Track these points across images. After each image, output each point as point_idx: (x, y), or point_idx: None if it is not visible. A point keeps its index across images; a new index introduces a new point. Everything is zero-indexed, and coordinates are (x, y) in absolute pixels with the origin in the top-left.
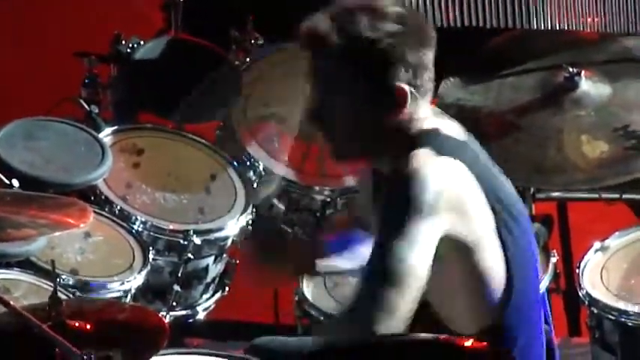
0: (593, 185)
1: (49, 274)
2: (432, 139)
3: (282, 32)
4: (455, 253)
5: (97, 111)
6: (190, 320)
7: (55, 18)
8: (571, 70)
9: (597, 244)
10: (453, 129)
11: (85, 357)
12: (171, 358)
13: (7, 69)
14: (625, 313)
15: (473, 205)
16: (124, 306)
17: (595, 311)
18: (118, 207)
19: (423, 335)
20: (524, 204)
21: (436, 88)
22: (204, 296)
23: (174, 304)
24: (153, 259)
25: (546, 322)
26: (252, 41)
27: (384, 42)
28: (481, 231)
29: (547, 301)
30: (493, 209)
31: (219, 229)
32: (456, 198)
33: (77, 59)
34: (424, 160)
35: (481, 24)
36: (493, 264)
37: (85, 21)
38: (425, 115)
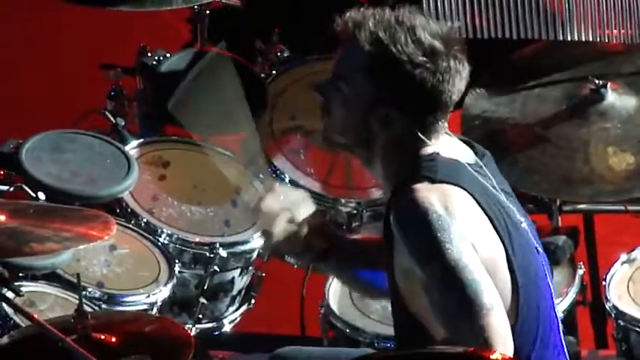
0: (620, 197)
1: (74, 286)
2: (426, 166)
3: (307, 45)
4: None
5: (123, 123)
6: (216, 333)
7: (80, 30)
8: (597, 82)
9: (624, 256)
10: (455, 150)
11: None
12: None
13: (33, 81)
14: None
15: (479, 226)
16: (149, 319)
17: (622, 324)
18: (144, 220)
19: (452, 348)
20: (551, 216)
21: (462, 99)
22: (230, 309)
23: (200, 316)
24: (179, 272)
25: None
26: (278, 53)
27: (407, 67)
28: (492, 251)
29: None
30: (496, 229)
31: (245, 242)
32: (465, 220)
33: (103, 72)
34: (424, 193)
35: (507, 35)
36: (503, 285)
37: (111, 33)
38: (428, 140)
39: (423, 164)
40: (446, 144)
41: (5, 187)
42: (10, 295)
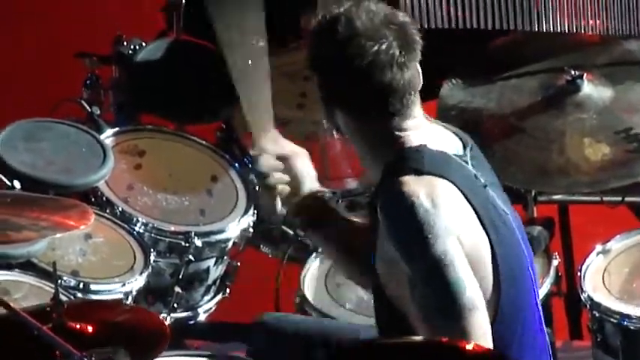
0: (595, 188)
1: (50, 275)
2: (412, 158)
3: (284, 34)
4: None
5: (98, 112)
6: (191, 322)
7: (56, 18)
8: (573, 72)
9: (599, 247)
10: (443, 142)
11: (85, 359)
12: None
13: (8, 69)
14: (627, 316)
15: (466, 220)
16: (125, 308)
17: (597, 314)
18: (120, 208)
19: (426, 338)
20: (526, 207)
21: (438, 89)
22: (205, 298)
23: (175, 305)
24: (154, 261)
25: (547, 325)
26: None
27: (330, 66)
28: (477, 245)
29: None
30: (482, 222)
31: (221, 231)
32: (451, 214)
33: (78, 60)
34: (411, 186)
35: (483, 26)
36: (486, 279)
37: (87, 22)
38: (409, 129)
39: (409, 156)
40: (432, 135)
41: None
42: None
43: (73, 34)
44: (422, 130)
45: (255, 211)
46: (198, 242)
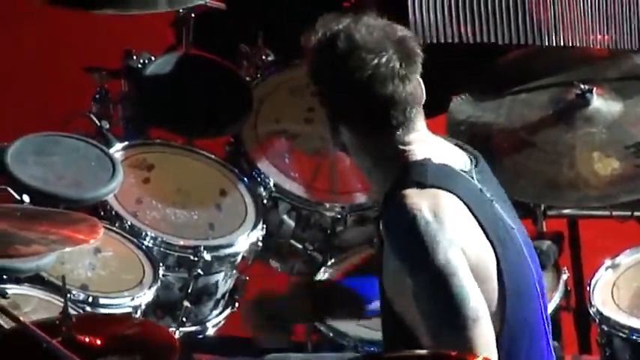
0: (605, 203)
1: (59, 289)
2: (416, 171)
3: (293, 48)
4: None
5: (107, 126)
6: (200, 336)
7: (65, 33)
8: (583, 87)
9: (608, 262)
10: (448, 156)
11: None
12: None
13: (17, 84)
14: (636, 331)
15: (470, 232)
16: (134, 322)
17: (606, 329)
18: (129, 222)
19: (434, 352)
20: (536, 221)
21: (447, 104)
22: (214, 312)
23: (183, 320)
24: (163, 275)
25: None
26: (263, 57)
27: (332, 82)
28: (482, 258)
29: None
30: (488, 236)
31: (230, 245)
32: (454, 226)
33: (88, 74)
34: (413, 199)
35: (493, 40)
36: (491, 293)
37: (96, 36)
38: (413, 143)
39: (413, 170)
40: (437, 148)
41: None
42: None
43: (83, 47)
44: (426, 143)
45: (264, 226)
46: (207, 256)
